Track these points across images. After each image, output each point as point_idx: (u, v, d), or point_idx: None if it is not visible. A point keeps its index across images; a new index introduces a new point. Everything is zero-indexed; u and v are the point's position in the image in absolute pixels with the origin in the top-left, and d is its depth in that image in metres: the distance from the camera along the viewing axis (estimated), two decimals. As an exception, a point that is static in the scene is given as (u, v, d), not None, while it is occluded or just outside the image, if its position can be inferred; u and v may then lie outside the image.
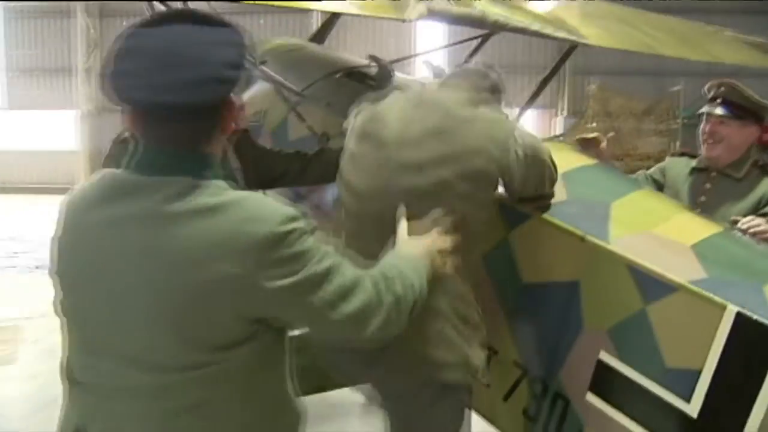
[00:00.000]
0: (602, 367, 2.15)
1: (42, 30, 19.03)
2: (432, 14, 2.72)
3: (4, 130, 19.57)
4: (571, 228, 2.27)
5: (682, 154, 3.21)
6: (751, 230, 2.50)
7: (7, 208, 16.28)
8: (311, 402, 4.75)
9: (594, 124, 13.94)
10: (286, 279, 1.40)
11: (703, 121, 3.01)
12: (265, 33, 15.12)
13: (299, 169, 3.00)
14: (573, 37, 3.34)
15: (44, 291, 1.62)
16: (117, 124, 2.72)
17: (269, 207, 1.44)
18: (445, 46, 5.14)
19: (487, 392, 2.56)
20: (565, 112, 17.98)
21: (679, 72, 14.11)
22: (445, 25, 12.99)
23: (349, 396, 4.80)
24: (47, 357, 5.72)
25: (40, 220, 13.38)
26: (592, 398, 2.18)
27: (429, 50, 4.45)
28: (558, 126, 16.93)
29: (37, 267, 9.53)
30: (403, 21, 2.65)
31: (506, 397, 2.47)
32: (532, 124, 18.22)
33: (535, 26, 3.19)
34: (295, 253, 1.42)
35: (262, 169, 2.95)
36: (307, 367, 4.35)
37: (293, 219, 1.43)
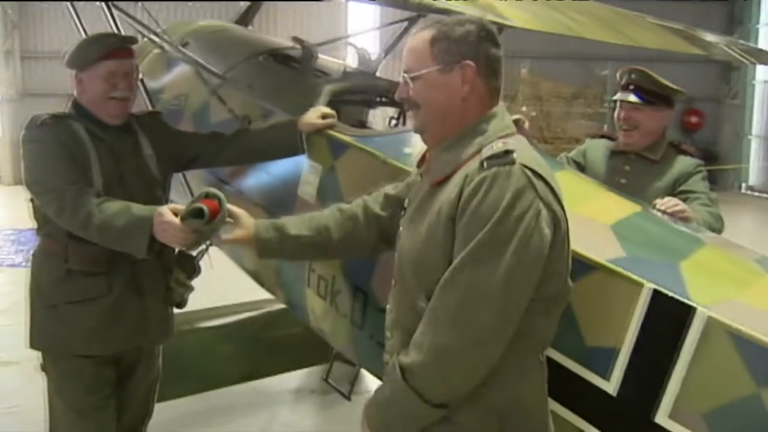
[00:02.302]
0: (525, 348, 2.15)
1: (-44, 11, 18.11)
2: None
3: None
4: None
5: (602, 137, 3.28)
6: (669, 210, 2.56)
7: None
8: (240, 390, 4.68)
9: (524, 108, 14.15)
10: None
11: (618, 108, 3.09)
12: (195, 15, 14.78)
13: (214, 151, 2.92)
14: (499, 20, 3.33)
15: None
16: (40, 109, 2.57)
17: None
18: (374, 29, 5.09)
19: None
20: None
21: (605, 57, 14.41)
22: (377, 8, 12.95)
23: (277, 384, 4.77)
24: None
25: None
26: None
27: (357, 32, 4.37)
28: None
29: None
30: None
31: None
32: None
33: (459, 8, 3.17)
34: None
35: (176, 152, 2.86)
36: (235, 356, 4.28)
37: None
